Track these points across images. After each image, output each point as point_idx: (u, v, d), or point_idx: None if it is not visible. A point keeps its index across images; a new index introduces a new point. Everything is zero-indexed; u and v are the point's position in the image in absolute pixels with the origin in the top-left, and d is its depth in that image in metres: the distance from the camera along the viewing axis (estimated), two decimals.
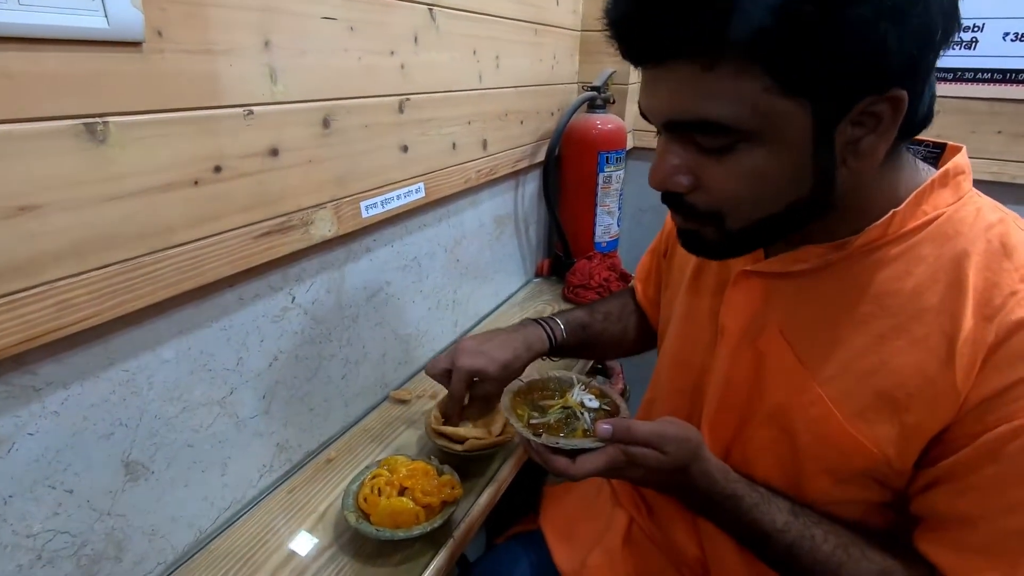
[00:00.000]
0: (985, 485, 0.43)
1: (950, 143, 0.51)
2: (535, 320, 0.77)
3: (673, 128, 0.44)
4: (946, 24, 0.39)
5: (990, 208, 0.48)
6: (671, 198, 0.48)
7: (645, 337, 0.85)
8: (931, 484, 0.47)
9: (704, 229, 0.48)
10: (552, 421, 0.56)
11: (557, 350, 0.76)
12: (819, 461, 0.51)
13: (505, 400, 0.60)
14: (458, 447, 0.74)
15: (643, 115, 0.47)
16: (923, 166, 0.50)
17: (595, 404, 0.58)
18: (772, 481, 0.55)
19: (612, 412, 0.58)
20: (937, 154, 0.52)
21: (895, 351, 0.46)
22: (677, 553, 0.66)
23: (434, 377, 0.72)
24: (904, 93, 0.39)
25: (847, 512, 0.53)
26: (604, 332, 0.82)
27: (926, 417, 0.45)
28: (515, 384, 0.63)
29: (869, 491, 0.51)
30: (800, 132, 0.41)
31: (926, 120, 0.45)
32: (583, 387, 0.61)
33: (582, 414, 0.56)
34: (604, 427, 0.50)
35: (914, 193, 0.46)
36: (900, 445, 0.46)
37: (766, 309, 0.54)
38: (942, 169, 0.47)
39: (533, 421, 0.57)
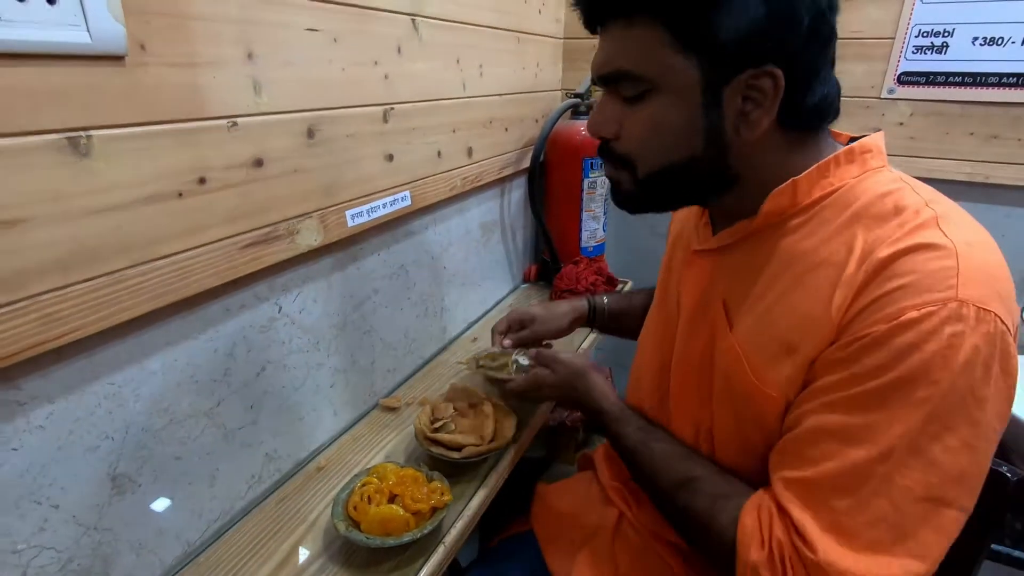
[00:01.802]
0: (821, 389, 0.47)
1: (866, 134, 0.55)
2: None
3: (603, 81, 0.53)
4: (814, 14, 0.46)
5: (891, 179, 0.51)
6: (602, 147, 0.56)
7: None
8: (799, 406, 0.50)
9: (621, 176, 0.56)
10: (495, 367, 0.87)
11: (600, 315, 0.94)
12: (746, 412, 0.55)
13: (470, 362, 0.91)
14: (455, 454, 0.74)
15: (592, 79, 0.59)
16: (830, 148, 0.54)
17: (527, 363, 0.84)
18: (729, 445, 0.58)
19: None
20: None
21: (794, 302, 0.51)
22: (667, 541, 0.67)
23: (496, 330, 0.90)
24: (779, 71, 0.46)
25: (745, 460, 0.57)
26: (640, 305, 0.90)
27: (810, 351, 0.48)
28: (478, 352, 0.92)
29: (766, 431, 0.54)
30: (691, 87, 0.48)
31: (823, 110, 0.51)
32: (520, 352, 0.88)
33: (513, 363, 0.85)
34: (531, 351, 0.81)
35: (816, 166, 0.51)
36: (795, 382, 0.50)
37: (712, 285, 0.59)
38: (847, 147, 0.52)
39: (482, 365, 0.88)
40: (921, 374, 0.42)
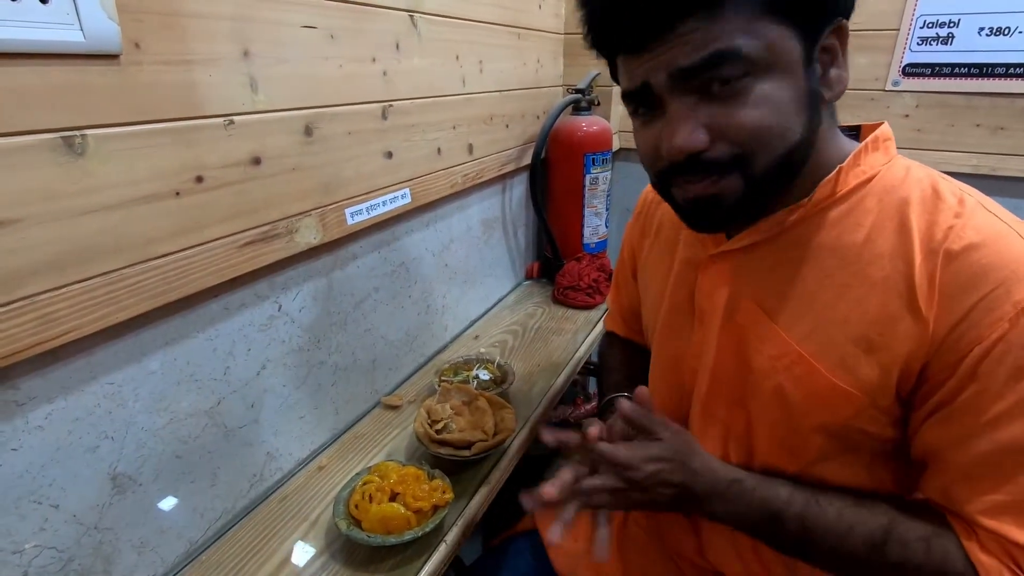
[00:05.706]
0: (968, 406, 0.45)
1: (865, 124, 0.56)
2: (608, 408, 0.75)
3: (686, 76, 0.45)
4: None
5: (916, 166, 0.53)
6: (689, 165, 0.47)
7: None
8: (923, 421, 0.48)
9: (726, 183, 0.48)
10: (458, 381, 0.92)
11: None
12: (811, 417, 0.53)
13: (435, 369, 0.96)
14: (465, 452, 0.75)
15: (632, 96, 0.49)
16: (849, 139, 0.54)
17: (487, 376, 0.94)
18: (771, 449, 0.56)
19: (500, 379, 0.94)
20: (855, 135, 0.56)
21: (861, 297, 0.49)
22: (673, 541, 0.66)
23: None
24: (846, 23, 0.48)
25: (848, 475, 0.54)
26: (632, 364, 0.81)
27: (901, 349, 0.47)
28: (448, 360, 0.98)
29: (861, 443, 0.52)
30: (793, 56, 0.45)
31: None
32: (481, 365, 0.97)
33: (474, 379, 0.93)
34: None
35: (852, 153, 0.51)
36: (881, 381, 0.49)
37: (738, 286, 0.57)
38: (872, 135, 0.52)
39: (444, 379, 0.92)
40: None
